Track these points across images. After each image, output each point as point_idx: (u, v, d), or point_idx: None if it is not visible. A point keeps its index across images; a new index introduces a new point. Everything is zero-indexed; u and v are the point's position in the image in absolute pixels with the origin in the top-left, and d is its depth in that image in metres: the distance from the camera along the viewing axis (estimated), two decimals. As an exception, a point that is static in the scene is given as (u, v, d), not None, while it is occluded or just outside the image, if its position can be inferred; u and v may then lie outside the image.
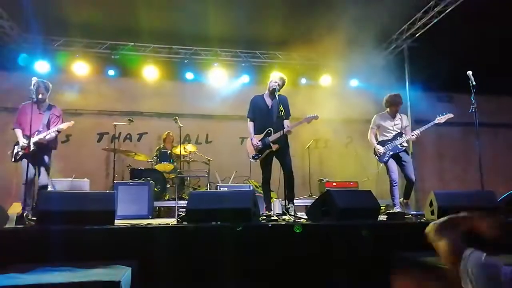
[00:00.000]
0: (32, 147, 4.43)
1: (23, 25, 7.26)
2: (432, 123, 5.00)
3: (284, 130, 4.41)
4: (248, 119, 4.77)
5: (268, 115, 4.62)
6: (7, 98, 7.26)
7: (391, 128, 5.11)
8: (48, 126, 4.71)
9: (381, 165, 5.16)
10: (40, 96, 4.64)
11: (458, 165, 8.44)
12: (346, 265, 3.16)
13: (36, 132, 4.58)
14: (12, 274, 2.36)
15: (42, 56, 7.60)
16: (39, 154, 4.60)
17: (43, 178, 4.64)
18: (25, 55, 7.50)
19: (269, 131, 4.55)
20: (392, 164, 4.99)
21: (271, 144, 4.50)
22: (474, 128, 4.55)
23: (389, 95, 5.23)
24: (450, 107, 5.46)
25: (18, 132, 4.65)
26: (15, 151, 4.61)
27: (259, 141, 4.56)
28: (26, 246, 2.93)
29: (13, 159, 4.62)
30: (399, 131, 5.10)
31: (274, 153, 4.54)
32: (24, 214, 3.85)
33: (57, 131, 4.68)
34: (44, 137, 4.59)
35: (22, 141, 4.58)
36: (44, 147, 4.65)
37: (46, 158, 4.69)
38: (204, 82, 8.49)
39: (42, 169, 4.64)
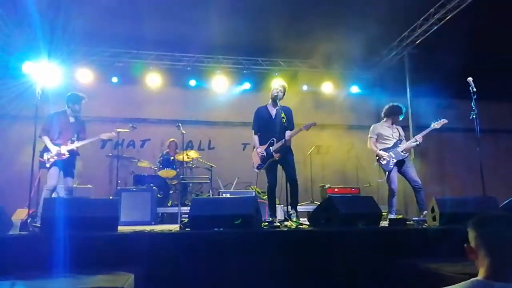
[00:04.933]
0: (67, 155, 4.74)
1: (28, 34, 7.34)
2: (428, 130, 5.04)
3: (283, 140, 4.47)
4: (253, 132, 4.83)
5: (271, 125, 4.67)
6: (13, 106, 7.32)
7: (390, 136, 5.14)
8: (78, 135, 4.93)
9: (385, 173, 5.14)
10: (80, 109, 4.94)
11: (459, 171, 8.42)
12: (347, 271, 3.17)
13: (70, 141, 4.82)
14: (16, 281, 2.38)
15: (47, 64, 7.66)
16: (70, 161, 4.84)
17: (71, 182, 4.86)
18: (30, 63, 7.57)
19: (272, 141, 4.61)
20: (394, 174, 5.01)
21: (273, 153, 4.55)
22: (475, 134, 4.57)
23: (390, 105, 5.27)
24: (451, 114, 5.47)
25: (47, 139, 4.76)
26: (47, 157, 4.72)
27: (263, 151, 4.62)
28: (30, 253, 2.95)
29: (47, 166, 4.71)
30: (398, 138, 5.14)
31: (278, 162, 4.58)
32: (28, 221, 3.89)
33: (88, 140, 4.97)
34: (75, 146, 4.84)
35: (56, 149, 4.73)
36: (73, 154, 4.90)
37: (75, 163, 4.95)
38: (206, 89, 8.55)
39: (72, 173, 4.88)
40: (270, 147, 4.59)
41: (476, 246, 1.48)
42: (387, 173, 5.03)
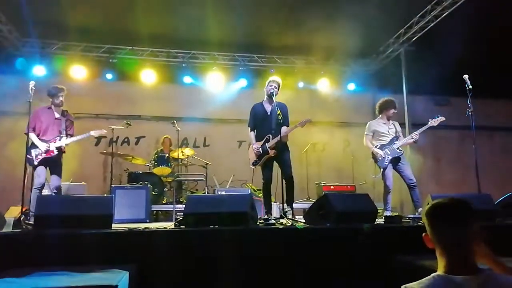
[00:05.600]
0: (55, 152, 4.65)
1: (21, 29, 7.26)
2: (426, 127, 5.04)
3: (279, 136, 4.45)
4: (249, 129, 4.82)
5: (267, 121, 4.66)
6: (5, 101, 7.25)
7: (387, 132, 5.13)
8: (65, 131, 4.85)
9: (380, 170, 5.15)
10: (60, 102, 4.82)
11: (455, 168, 8.47)
12: (343, 269, 3.17)
13: (58, 138, 4.74)
14: (9, 278, 2.36)
15: (40, 60, 7.60)
16: (57, 158, 4.75)
17: (59, 181, 4.76)
18: (23, 58, 7.49)
19: (268, 138, 4.60)
20: (389, 171, 5.01)
21: (268, 150, 4.53)
22: (471, 131, 4.58)
23: (381, 100, 5.27)
24: (447, 111, 5.50)
25: (34, 137, 4.66)
26: (35, 154, 4.62)
27: (259, 147, 4.61)
28: (23, 251, 2.94)
29: (35, 163, 4.62)
30: (394, 135, 5.13)
31: (274, 158, 4.57)
32: (22, 218, 3.84)
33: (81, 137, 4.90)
34: (63, 144, 4.76)
35: (44, 146, 4.65)
36: (60, 151, 4.81)
37: (61, 161, 4.84)
38: (202, 85, 8.50)
39: (59, 172, 4.78)
40: (266, 144, 4.58)
41: (432, 239, 1.47)
42: (382, 170, 5.03)
